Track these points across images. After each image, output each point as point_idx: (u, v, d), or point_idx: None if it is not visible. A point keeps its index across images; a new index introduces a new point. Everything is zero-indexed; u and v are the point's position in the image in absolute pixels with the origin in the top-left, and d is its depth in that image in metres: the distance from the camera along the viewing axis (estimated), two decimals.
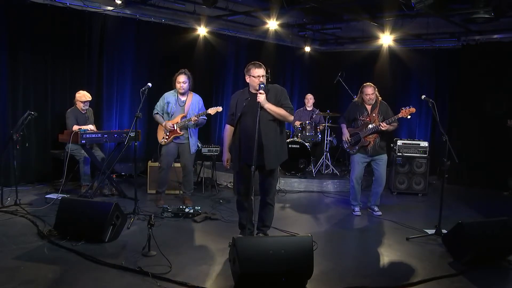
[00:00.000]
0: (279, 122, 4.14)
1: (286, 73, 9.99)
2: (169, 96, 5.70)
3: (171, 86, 5.74)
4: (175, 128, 5.61)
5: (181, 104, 5.68)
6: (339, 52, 10.19)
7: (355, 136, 5.70)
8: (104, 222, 4.16)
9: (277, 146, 4.16)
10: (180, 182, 6.18)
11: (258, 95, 3.92)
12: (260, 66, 4.06)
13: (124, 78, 7.60)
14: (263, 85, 3.95)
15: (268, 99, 4.01)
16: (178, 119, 5.65)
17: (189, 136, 5.69)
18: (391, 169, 7.28)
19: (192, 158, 5.84)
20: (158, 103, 5.74)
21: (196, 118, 5.51)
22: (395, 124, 5.54)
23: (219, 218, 5.28)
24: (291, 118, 4.18)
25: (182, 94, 5.66)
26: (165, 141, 5.68)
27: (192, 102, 5.71)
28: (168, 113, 5.67)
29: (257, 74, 4.03)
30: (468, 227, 4.07)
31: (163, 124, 5.65)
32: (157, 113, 5.72)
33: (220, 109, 5.64)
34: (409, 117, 5.38)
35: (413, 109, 5.32)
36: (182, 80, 5.55)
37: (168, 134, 5.65)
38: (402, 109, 5.35)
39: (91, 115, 6.48)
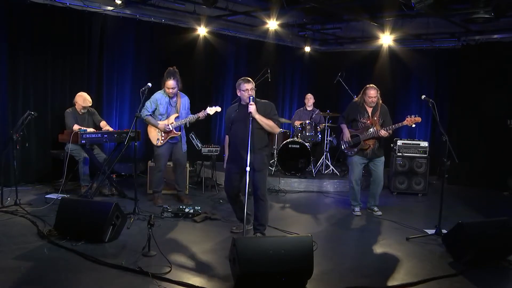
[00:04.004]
0: (266, 131, 4.55)
1: (286, 73, 9.99)
2: (160, 97, 5.68)
3: None
4: (171, 129, 5.68)
5: (173, 104, 5.76)
6: (339, 52, 10.19)
7: (354, 138, 5.67)
8: (104, 222, 4.16)
9: (264, 151, 4.58)
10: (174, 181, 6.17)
11: (249, 106, 4.32)
12: (248, 81, 4.50)
13: (124, 78, 7.60)
14: (252, 97, 4.38)
15: (257, 110, 4.39)
16: (172, 119, 5.71)
17: (181, 135, 5.83)
18: (391, 169, 7.29)
19: (185, 156, 5.95)
20: (148, 105, 5.60)
21: (194, 119, 5.68)
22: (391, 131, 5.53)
23: (219, 218, 5.28)
24: (278, 130, 4.68)
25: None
26: (161, 142, 5.72)
27: (182, 102, 5.82)
28: (162, 114, 5.68)
29: (245, 88, 4.45)
30: (468, 227, 4.07)
31: (158, 125, 5.65)
32: (150, 115, 5.66)
33: (219, 109, 5.71)
34: (413, 125, 5.37)
35: (418, 119, 5.31)
36: (171, 86, 5.59)
37: (163, 135, 5.71)
38: (407, 117, 5.34)
39: (90, 116, 6.37)
